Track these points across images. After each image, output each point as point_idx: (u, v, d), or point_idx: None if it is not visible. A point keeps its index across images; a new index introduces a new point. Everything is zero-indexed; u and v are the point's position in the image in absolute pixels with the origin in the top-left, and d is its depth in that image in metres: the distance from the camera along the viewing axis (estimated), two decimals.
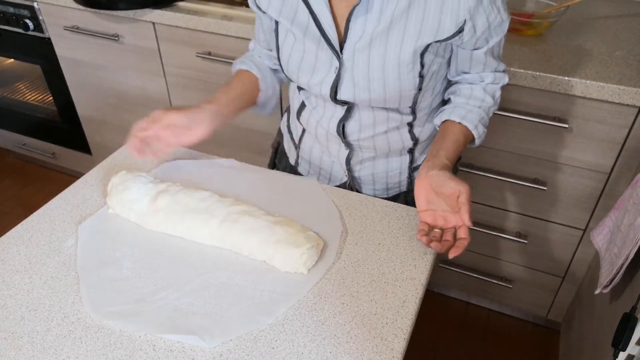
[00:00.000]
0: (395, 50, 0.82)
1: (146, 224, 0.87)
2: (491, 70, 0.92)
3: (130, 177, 0.91)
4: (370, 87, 0.86)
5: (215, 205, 0.86)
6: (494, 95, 0.94)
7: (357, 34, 0.83)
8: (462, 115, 0.90)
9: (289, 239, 0.79)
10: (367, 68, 0.85)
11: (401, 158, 1.02)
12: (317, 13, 0.84)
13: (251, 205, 0.88)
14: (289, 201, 0.92)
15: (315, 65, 0.89)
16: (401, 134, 0.97)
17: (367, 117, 0.94)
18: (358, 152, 1.00)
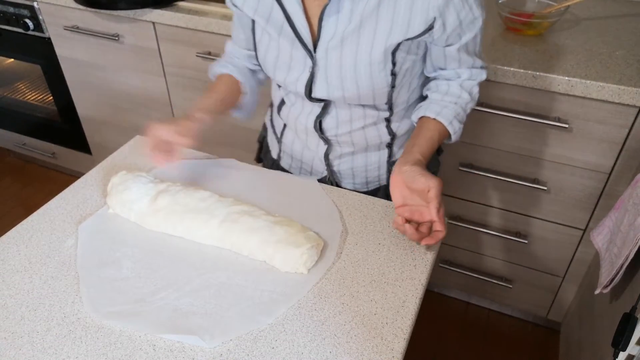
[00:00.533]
0: (366, 49, 0.83)
1: (146, 224, 0.87)
2: (468, 66, 0.92)
3: (130, 177, 0.91)
4: (344, 86, 0.88)
5: (215, 205, 0.86)
6: (470, 91, 0.94)
7: (329, 33, 0.84)
8: (437, 112, 0.90)
9: (289, 239, 0.79)
10: (340, 67, 0.86)
11: (379, 152, 1.03)
12: (291, 13, 0.86)
13: (251, 205, 0.88)
14: (289, 201, 0.92)
15: (290, 64, 0.90)
16: (378, 129, 0.98)
17: (343, 114, 0.95)
18: (336, 147, 1.01)
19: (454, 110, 0.91)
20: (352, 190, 0.98)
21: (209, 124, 0.95)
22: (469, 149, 1.40)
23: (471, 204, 1.50)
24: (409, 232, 0.80)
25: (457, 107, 0.92)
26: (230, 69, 1.02)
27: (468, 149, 1.40)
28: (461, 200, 1.51)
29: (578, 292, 1.52)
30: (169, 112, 1.82)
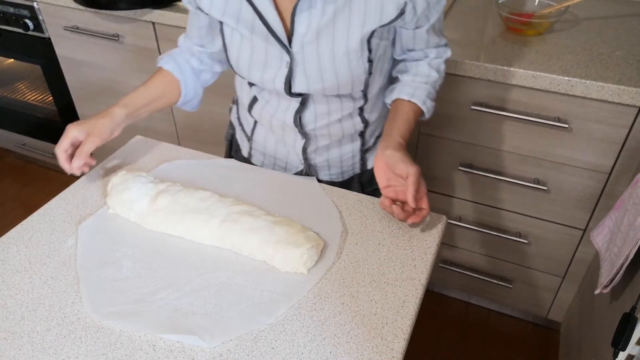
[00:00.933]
0: (342, 40, 0.85)
1: (146, 224, 0.87)
2: (434, 45, 0.96)
3: (130, 177, 0.91)
4: (323, 77, 0.89)
5: (215, 205, 0.86)
6: (438, 69, 0.98)
7: (304, 27, 0.85)
8: (410, 93, 0.95)
9: (289, 239, 0.80)
10: (318, 59, 0.87)
11: (353, 143, 1.05)
12: (262, 10, 0.85)
13: (251, 205, 0.88)
14: (289, 201, 0.93)
15: (266, 62, 0.90)
16: (353, 119, 1.00)
17: (321, 107, 0.96)
18: (314, 141, 1.02)
19: (425, 90, 0.96)
20: (329, 182, 1.02)
21: (129, 121, 0.97)
22: (469, 149, 1.40)
23: (471, 204, 1.50)
24: (395, 212, 0.85)
25: (428, 87, 0.97)
26: (172, 65, 1.02)
27: (468, 149, 1.40)
28: (461, 200, 1.51)
29: (578, 292, 1.52)
30: (169, 111, 1.82)
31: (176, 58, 1.03)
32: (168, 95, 1.03)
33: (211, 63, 1.06)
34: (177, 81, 1.02)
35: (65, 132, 0.92)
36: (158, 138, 1.16)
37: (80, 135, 0.92)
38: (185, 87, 1.03)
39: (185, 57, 1.04)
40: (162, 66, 1.02)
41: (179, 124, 1.85)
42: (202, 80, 1.08)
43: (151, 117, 1.88)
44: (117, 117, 0.95)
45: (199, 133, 1.83)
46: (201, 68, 1.05)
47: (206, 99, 1.71)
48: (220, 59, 1.05)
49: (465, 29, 1.41)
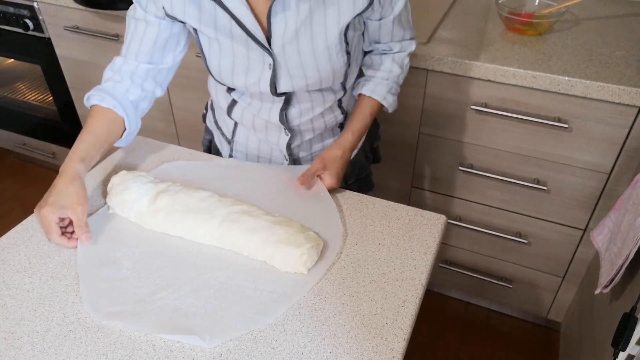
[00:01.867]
0: (321, 36, 0.87)
1: (146, 224, 0.87)
2: (398, 39, 1.00)
3: (131, 177, 0.91)
4: (306, 74, 0.90)
5: (215, 205, 0.86)
6: (401, 64, 1.03)
7: (281, 28, 0.85)
8: (371, 89, 1.01)
9: (289, 239, 0.79)
10: (299, 57, 0.88)
11: (334, 136, 1.09)
12: (238, 16, 0.84)
13: (251, 205, 0.88)
14: (290, 200, 0.93)
15: (249, 67, 0.90)
16: (334, 111, 1.04)
17: (305, 102, 0.98)
18: (299, 136, 1.05)
19: (386, 85, 1.02)
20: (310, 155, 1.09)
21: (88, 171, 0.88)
22: (469, 149, 1.40)
23: (471, 204, 1.50)
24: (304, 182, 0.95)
25: (390, 82, 1.02)
26: (111, 102, 0.90)
27: (468, 149, 1.40)
28: (461, 201, 1.51)
29: (578, 292, 1.52)
30: (169, 111, 1.82)
31: (112, 93, 0.92)
32: (112, 134, 0.92)
33: (154, 86, 0.96)
34: (120, 118, 0.92)
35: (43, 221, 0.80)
36: (158, 138, 1.16)
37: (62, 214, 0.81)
38: (128, 122, 0.93)
39: (123, 88, 0.93)
40: (98, 104, 0.91)
41: (179, 124, 1.85)
42: (141, 109, 0.97)
43: (151, 117, 1.89)
44: (80, 174, 0.84)
45: (199, 133, 1.83)
46: (142, 95, 0.95)
47: (206, 99, 1.71)
48: (163, 81, 0.97)
49: (465, 29, 1.41)
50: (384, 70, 1.02)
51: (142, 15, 0.89)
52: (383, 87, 1.02)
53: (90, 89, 0.95)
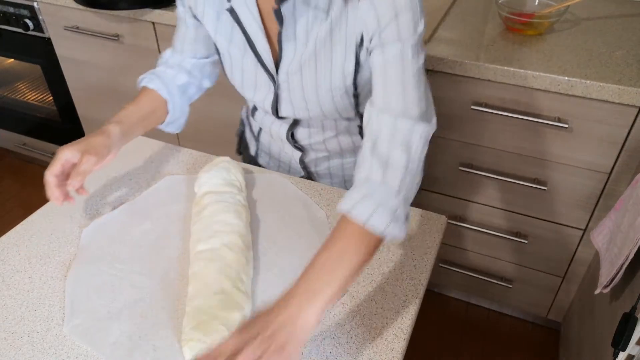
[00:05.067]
0: (325, 76, 0.81)
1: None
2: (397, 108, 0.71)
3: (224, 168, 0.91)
4: (308, 107, 0.86)
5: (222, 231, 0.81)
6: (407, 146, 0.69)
7: (289, 57, 0.81)
8: (350, 204, 0.67)
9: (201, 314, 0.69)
10: (302, 90, 0.84)
11: (355, 154, 1.01)
12: (252, 36, 0.83)
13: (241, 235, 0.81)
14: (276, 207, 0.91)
15: (256, 84, 0.88)
16: (351, 136, 0.96)
17: (315, 125, 0.94)
18: (311, 153, 1.01)
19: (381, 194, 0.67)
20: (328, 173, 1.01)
21: (125, 140, 0.88)
22: (469, 149, 1.40)
23: (471, 204, 1.50)
24: None
25: (388, 191, 0.68)
26: (157, 84, 0.94)
27: (468, 149, 1.40)
28: (461, 200, 1.51)
29: (578, 292, 1.52)
30: None
31: (161, 76, 0.96)
32: (157, 113, 0.95)
33: (200, 77, 0.99)
34: (164, 100, 0.95)
35: (57, 154, 0.80)
36: (158, 138, 1.16)
37: (73, 156, 0.80)
38: (172, 106, 0.96)
39: (171, 74, 0.97)
40: (146, 85, 0.95)
41: None
42: (189, 95, 1.00)
43: None
44: (113, 135, 0.85)
45: (199, 133, 1.83)
46: (189, 82, 0.98)
47: (206, 99, 1.71)
48: (210, 74, 1.01)
49: (465, 29, 1.41)
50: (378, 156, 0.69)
51: (182, 14, 0.91)
52: (359, 190, 0.68)
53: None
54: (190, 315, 0.69)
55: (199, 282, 0.73)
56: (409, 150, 0.70)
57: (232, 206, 0.85)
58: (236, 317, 0.69)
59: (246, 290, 0.74)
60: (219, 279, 0.72)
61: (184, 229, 0.88)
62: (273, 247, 0.85)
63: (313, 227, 0.88)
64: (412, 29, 0.71)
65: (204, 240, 0.79)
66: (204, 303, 0.70)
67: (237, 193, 0.88)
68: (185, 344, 0.66)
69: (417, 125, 0.70)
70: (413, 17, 0.71)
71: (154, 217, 0.90)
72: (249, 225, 0.85)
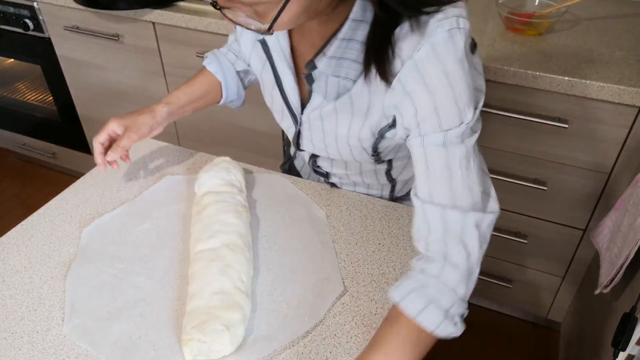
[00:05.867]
0: (343, 131, 0.78)
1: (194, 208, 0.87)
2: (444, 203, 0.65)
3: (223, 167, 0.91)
4: (328, 151, 0.85)
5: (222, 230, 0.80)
6: (462, 240, 0.64)
7: (316, 102, 0.79)
8: (402, 294, 0.64)
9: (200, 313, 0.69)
10: (323, 136, 0.82)
11: (382, 188, 0.98)
12: (280, 74, 0.81)
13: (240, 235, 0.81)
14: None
15: (283, 114, 0.87)
16: (377, 176, 0.93)
17: (339, 162, 0.92)
18: (335, 179, 0.99)
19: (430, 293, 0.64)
20: (352, 191, 0.98)
21: (171, 119, 0.93)
22: None
23: None
24: None
25: (437, 285, 0.64)
26: (215, 67, 0.98)
27: None
28: None
29: (578, 292, 1.52)
30: None
31: (220, 59, 0.99)
32: (210, 95, 0.99)
33: None
34: (219, 83, 0.99)
35: (106, 124, 0.88)
36: (158, 138, 1.16)
37: (118, 129, 0.87)
38: (226, 90, 0.99)
39: (231, 58, 0.99)
40: (205, 66, 0.99)
41: (179, 124, 1.85)
42: (248, 81, 1.03)
43: None
44: (158, 114, 0.90)
45: (199, 133, 1.83)
46: (247, 69, 1.00)
47: None
48: None
49: None
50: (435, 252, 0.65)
51: None
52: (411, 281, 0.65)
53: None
54: (191, 315, 0.69)
55: (199, 282, 0.73)
56: (465, 244, 0.64)
57: (232, 206, 0.85)
58: (236, 316, 0.69)
59: (246, 290, 0.74)
60: (219, 279, 0.72)
61: (184, 229, 0.88)
62: (273, 247, 0.85)
63: (313, 227, 0.88)
64: (457, 119, 0.63)
65: (203, 240, 0.79)
66: (204, 303, 0.70)
67: (237, 193, 0.88)
68: (185, 344, 0.66)
69: (469, 216, 0.64)
70: (457, 106, 0.63)
71: (154, 217, 0.90)
72: (249, 225, 0.85)
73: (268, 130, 1.67)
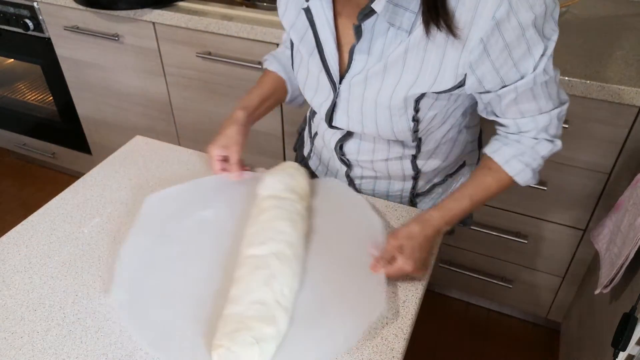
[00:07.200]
0: (387, 92, 0.79)
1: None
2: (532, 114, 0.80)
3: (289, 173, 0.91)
4: (363, 122, 0.85)
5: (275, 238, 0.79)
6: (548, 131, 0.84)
7: (357, 68, 0.80)
8: (494, 149, 0.85)
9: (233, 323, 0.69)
10: (361, 103, 0.83)
11: (404, 182, 0.99)
12: (322, 40, 0.82)
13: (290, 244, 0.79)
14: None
15: (317, 88, 0.88)
16: (402, 164, 0.94)
17: (366, 144, 0.92)
18: (357, 170, 0.99)
19: (517, 149, 0.83)
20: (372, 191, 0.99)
21: (252, 120, 0.98)
22: None
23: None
24: None
25: (524, 147, 0.83)
26: (276, 67, 1.02)
27: None
28: None
29: (578, 292, 1.52)
30: (169, 111, 1.82)
31: (279, 58, 1.03)
32: (277, 93, 1.03)
33: None
34: (283, 80, 1.02)
35: (209, 157, 0.94)
36: (158, 138, 1.16)
37: (220, 151, 0.93)
38: (290, 85, 1.03)
39: (288, 54, 1.00)
40: (267, 68, 1.03)
41: (179, 124, 1.85)
42: None
43: (151, 117, 1.89)
44: (240, 119, 0.95)
45: (199, 133, 1.83)
46: None
47: (206, 99, 1.71)
48: None
49: None
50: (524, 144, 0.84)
51: None
52: (511, 149, 0.83)
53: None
54: (225, 319, 0.68)
55: (241, 287, 0.72)
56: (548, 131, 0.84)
57: (288, 214, 0.83)
58: (269, 331, 0.67)
59: (286, 304, 0.71)
60: (261, 289, 0.71)
61: (241, 228, 0.86)
62: (323, 261, 0.81)
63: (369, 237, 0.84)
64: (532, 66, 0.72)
65: (254, 246, 0.78)
66: (241, 310, 0.69)
67: (297, 201, 0.86)
68: (214, 349, 0.65)
69: (552, 113, 0.82)
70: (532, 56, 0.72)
71: (217, 206, 0.90)
72: (302, 236, 0.82)
73: (268, 130, 1.67)
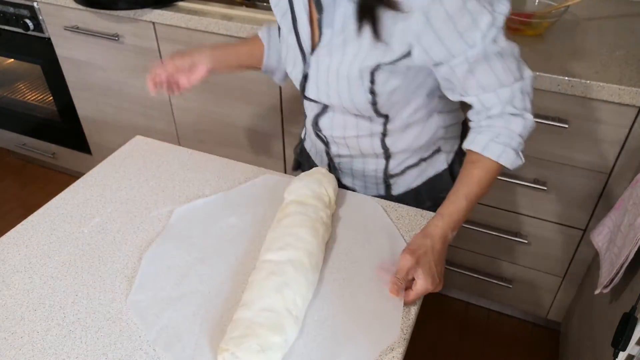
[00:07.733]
0: (346, 64, 0.83)
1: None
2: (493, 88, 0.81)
3: (317, 178, 0.91)
4: (329, 92, 0.88)
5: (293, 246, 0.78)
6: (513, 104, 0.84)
7: (325, 41, 0.85)
8: (470, 140, 0.84)
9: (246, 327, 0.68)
10: (327, 75, 0.87)
11: (377, 160, 1.00)
12: (297, 16, 0.87)
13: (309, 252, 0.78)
14: None
15: (294, 61, 0.92)
16: (372, 142, 0.95)
17: (338, 119, 0.95)
18: (333, 147, 1.02)
19: (491, 132, 0.83)
20: (351, 190, 0.97)
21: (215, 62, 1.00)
22: None
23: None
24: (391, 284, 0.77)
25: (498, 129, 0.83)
26: (263, 34, 1.06)
27: None
28: None
29: (578, 292, 1.52)
30: (169, 111, 1.82)
31: (271, 29, 1.07)
32: (253, 54, 1.07)
33: None
34: (262, 45, 1.06)
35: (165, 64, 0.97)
36: (158, 138, 1.16)
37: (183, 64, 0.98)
38: (267, 52, 1.06)
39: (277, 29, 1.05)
40: (257, 32, 1.07)
41: (179, 124, 1.85)
42: None
43: (151, 117, 1.89)
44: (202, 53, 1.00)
45: (199, 133, 1.83)
46: None
47: (206, 99, 1.71)
48: None
49: None
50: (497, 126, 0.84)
51: None
52: (485, 135, 0.83)
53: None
54: (235, 324, 0.68)
55: (254, 292, 0.71)
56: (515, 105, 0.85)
57: (311, 221, 0.81)
58: (276, 340, 0.66)
59: (297, 314, 0.70)
60: (273, 296, 0.70)
61: (264, 232, 0.86)
62: (341, 274, 0.80)
63: (390, 260, 0.82)
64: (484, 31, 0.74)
65: (272, 251, 0.77)
66: (250, 316, 0.68)
67: (321, 208, 0.85)
68: (220, 352, 0.65)
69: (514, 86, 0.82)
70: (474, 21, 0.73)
71: (242, 212, 0.91)
72: (323, 245, 0.81)
73: (268, 130, 1.67)
